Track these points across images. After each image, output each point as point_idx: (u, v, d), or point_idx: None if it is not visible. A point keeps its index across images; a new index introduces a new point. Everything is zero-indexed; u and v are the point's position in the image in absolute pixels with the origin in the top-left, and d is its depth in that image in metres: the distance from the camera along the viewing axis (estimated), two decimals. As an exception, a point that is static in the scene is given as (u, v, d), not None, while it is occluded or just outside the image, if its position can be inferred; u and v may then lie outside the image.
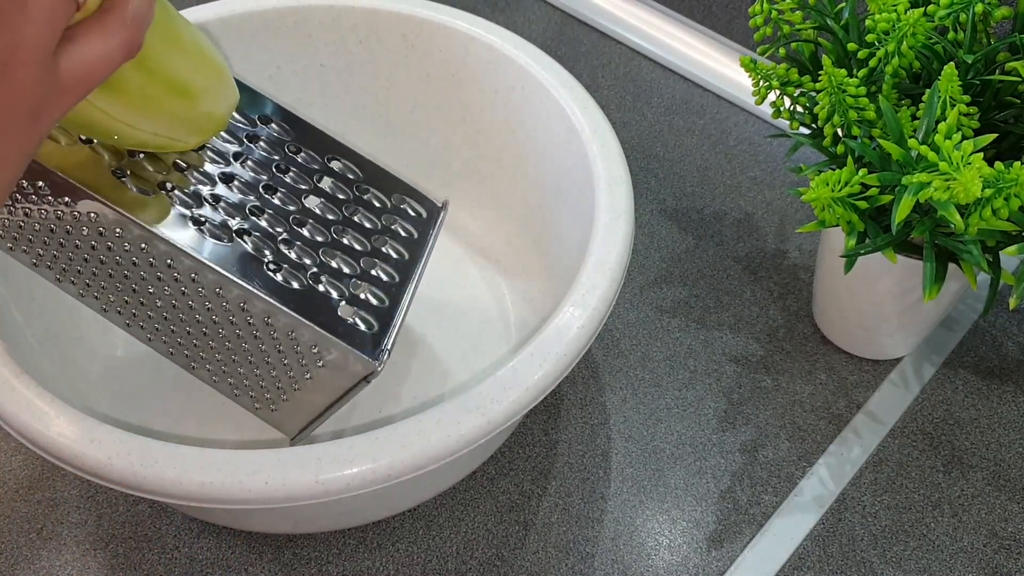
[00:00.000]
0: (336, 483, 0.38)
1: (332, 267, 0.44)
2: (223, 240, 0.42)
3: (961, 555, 0.50)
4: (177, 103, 0.37)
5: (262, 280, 0.42)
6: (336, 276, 0.44)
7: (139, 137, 0.37)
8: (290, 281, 0.42)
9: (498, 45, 0.55)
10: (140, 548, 0.51)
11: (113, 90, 0.34)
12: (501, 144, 0.59)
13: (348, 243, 0.45)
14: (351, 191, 0.47)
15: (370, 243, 0.46)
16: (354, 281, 0.45)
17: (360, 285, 0.45)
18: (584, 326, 0.43)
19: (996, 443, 0.55)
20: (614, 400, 0.57)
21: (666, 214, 0.66)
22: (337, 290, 0.44)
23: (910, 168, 0.42)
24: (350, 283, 0.44)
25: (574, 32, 0.80)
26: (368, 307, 0.44)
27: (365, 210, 0.47)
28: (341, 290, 0.44)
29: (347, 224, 0.46)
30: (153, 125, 0.37)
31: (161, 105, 0.37)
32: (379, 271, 0.46)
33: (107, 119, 0.35)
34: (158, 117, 0.37)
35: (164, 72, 0.36)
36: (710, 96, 0.75)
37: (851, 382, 0.57)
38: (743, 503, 0.53)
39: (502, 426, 0.41)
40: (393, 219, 0.48)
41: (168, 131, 0.38)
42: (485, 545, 0.51)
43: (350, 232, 0.46)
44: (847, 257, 0.47)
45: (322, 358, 0.43)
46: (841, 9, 0.51)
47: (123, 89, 0.34)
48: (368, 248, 0.46)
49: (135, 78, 0.34)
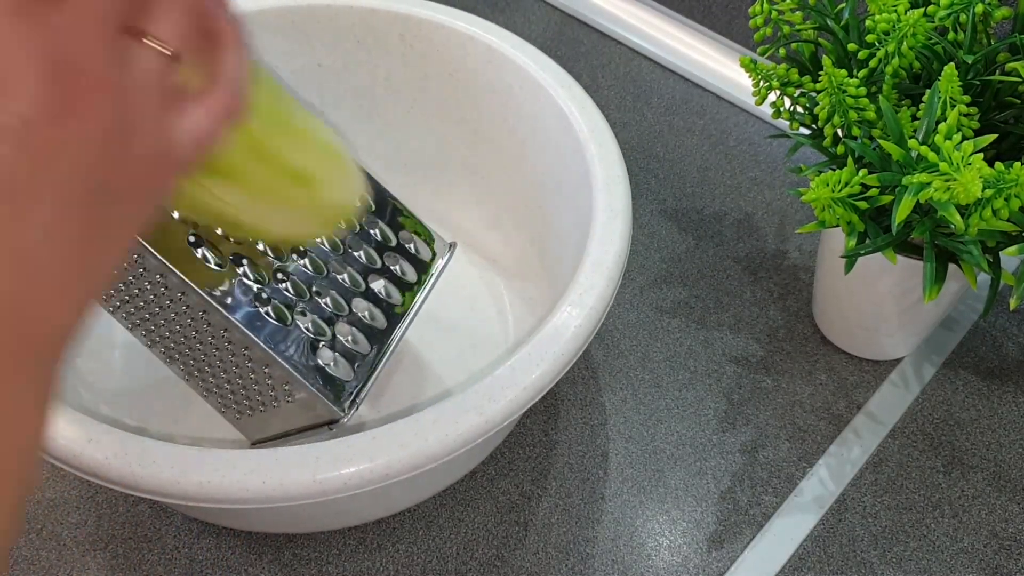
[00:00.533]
0: (333, 482, 0.38)
1: (322, 306, 0.44)
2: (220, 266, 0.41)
3: (961, 555, 0.50)
4: (299, 192, 0.37)
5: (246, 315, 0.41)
6: (324, 317, 0.44)
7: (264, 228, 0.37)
8: (276, 318, 0.42)
9: (496, 45, 0.55)
10: (140, 549, 0.51)
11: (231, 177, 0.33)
12: (499, 144, 0.59)
13: (344, 280, 0.45)
14: (360, 224, 0.46)
15: (366, 283, 0.46)
16: (340, 325, 0.44)
17: (347, 329, 0.44)
18: (582, 325, 0.43)
19: (996, 443, 0.55)
20: (614, 400, 0.57)
21: (666, 214, 0.66)
22: (321, 332, 0.43)
23: (910, 168, 0.42)
24: (336, 326, 0.44)
25: (574, 32, 0.80)
26: (350, 354, 0.44)
27: (368, 245, 0.46)
28: (325, 332, 0.44)
29: (347, 260, 0.45)
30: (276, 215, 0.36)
31: (281, 194, 0.36)
32: (370, 314, 0.45)
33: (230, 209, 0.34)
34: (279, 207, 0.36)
35: (280, 158, 0.35)
36: (710, 96, 0.74)
37: (851, 382, 0.57)
38: (743, 504, 0.52)
39: (499, 425, 0.40)
40: (395, 258, 0.47)
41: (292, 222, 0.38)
42: (485, 545, 0.51)
43: (348, 269, 0.45)
44: (847, 257, 0.47)
45: (292, 395, 0.43)
46: (841, 9, 0.51)
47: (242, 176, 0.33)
48: (363, 288, 0.45)
49: (253, 165, 0.34)
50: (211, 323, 0.42)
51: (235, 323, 0.41)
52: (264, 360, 0.42)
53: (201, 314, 0.42)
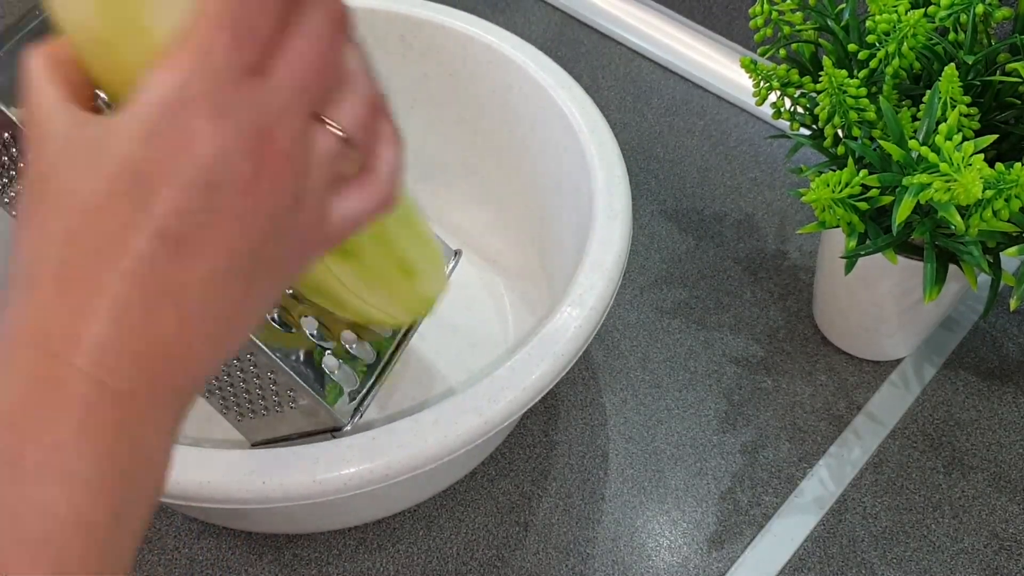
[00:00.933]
0: (333, 483, 0.38)
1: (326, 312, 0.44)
2: None
3: (962, 556, 0.50)
4: (402, 281, 0.39)
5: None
6: (329, 323, 0.44)
7: (363, 309, 0.38)
8: (281, 323, 0.42)
9: (496, 45, 0.55)
10: (140, 549, 0.50)
11: (352, 258, 0.35)
12: (499, 144, 0.58)
13: None
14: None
15: None
16: (346, 331, 0.44)
17: (351, 336, 0.44)
18: (581, 326, 0.43)
19: (996, 444, 0.55)
20: (614, 401, 0.57)
21: (666, 215, 0.66)
22: (327, 339, 0.43)
23: (911, 169, 0.42)
24: (342, 332, 0.44)
25: (574, 33, 0.80)
26: (354, 361, 0.44)
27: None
28: (331, 339, 0.44)
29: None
30: (378, 299, 0.38)
31: (389, 281, 0.38)
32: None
33: (340, 287, 0.36)
34: (383, 292, 0.38)
35: (397, 248, 0.37)
36: (710, 97, 0.74)
37: (851, 383, 0.57)
38: (743, 504, 0.52)
39: (499, 426, 0.40)
40: None
41: (388, 307, 0.39)
42: (485, 546, 0.51)
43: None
44: (847, 258, 0.47)
45: (295, 401, 0.43)
46: (842, 10, 0.51)
47: (360, 258, 0.35)
48: None
49: (373, 250, 0.36)
50: None
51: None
52: (269, 366, 0.42)
53: None
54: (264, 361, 0.42)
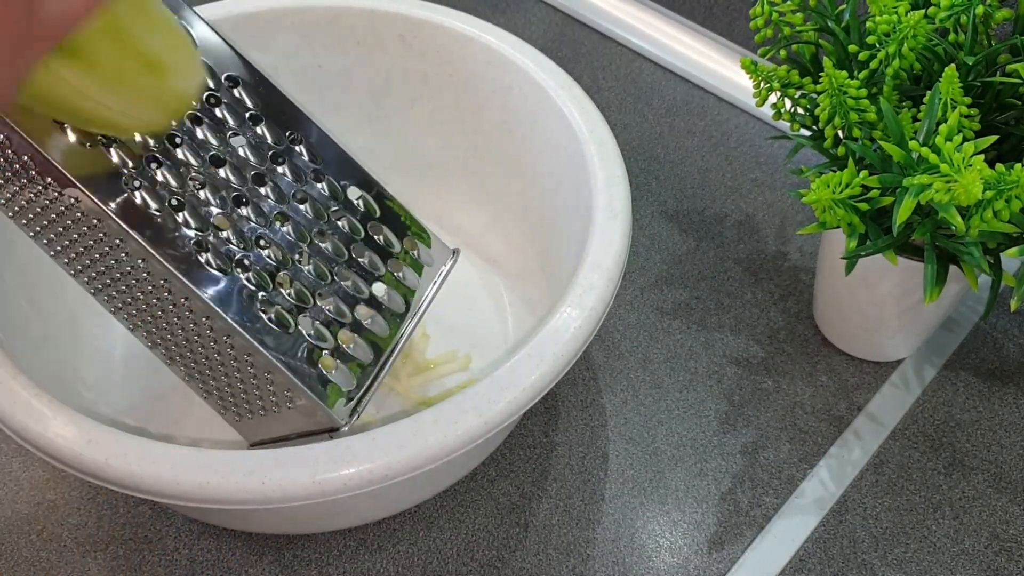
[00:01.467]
0: (333, 483, 0.38)
1: (325, 312, 0.44)
2: (224, 271, 0.41)
3: (962, 557, 0.50)
4: (148, 78, 0.37)
5: (249, 318, 0.41)
6: (327, 323, 0.44)
7: (109, 117, 0.37)
8: (278, 323, 0.42)
9: (496, 45, 0.55)
10: (140, 550, 0.51)
11: (86, 63, 0.33)
12: (498, 144, 0.59)
13: (347, 287, 0.45)
14: (365, 228, 0.46)
15: (369, 290, 0.46)
16: (344, 331, 0.44)
17: (349, 336, 0.44)
18: (581, 327, 0.43)
19: (997, 445, 0.55)
20: (614, 402, 0.57)
21: (667, 216, 0.66)
22: (324, 339, 0.43)
23: (911, 170, 0.42)
24: (340, 332, 0.44)
25: (574, 33, 0.80)
26: (352, 361, 0.44)
27: (372, 252, 0.46)
28: (329, 339, 0.43)
29: (351, 265, 0.45)
30: (123, 103, 0.37)
31: (132, 80, 0.37)
32: (372, 320, 0.45)
33: (74, 95, 0.34)
34: (128, 94, 0.37)
35: (134, 41, 0.36)
36: (711, 98, 0.74)
37: (852, 384, 0.57)
38: (744, 505, 0.52)
39: (499, 426, 0.40)
40: (399, 265, 0.47)
41: (138, 111, 0.38)
42: (485, 547, 0.51)
43: (353, 275, 0.45)
44: (848, 259, 0.47)
45: (293, 402, 0.43)
46: (842, 11, 0.51)
47: (92, 58, 0.34)
48: (365, 294, 0.45)
49: (105, 46, 0.34)
50: (213, 328, 0.42)
51: (237, 328, 0.41)
52: (266, 367, 0.42)
53: (204, 319, 0.42)
54: (262, 361, 0.42)
